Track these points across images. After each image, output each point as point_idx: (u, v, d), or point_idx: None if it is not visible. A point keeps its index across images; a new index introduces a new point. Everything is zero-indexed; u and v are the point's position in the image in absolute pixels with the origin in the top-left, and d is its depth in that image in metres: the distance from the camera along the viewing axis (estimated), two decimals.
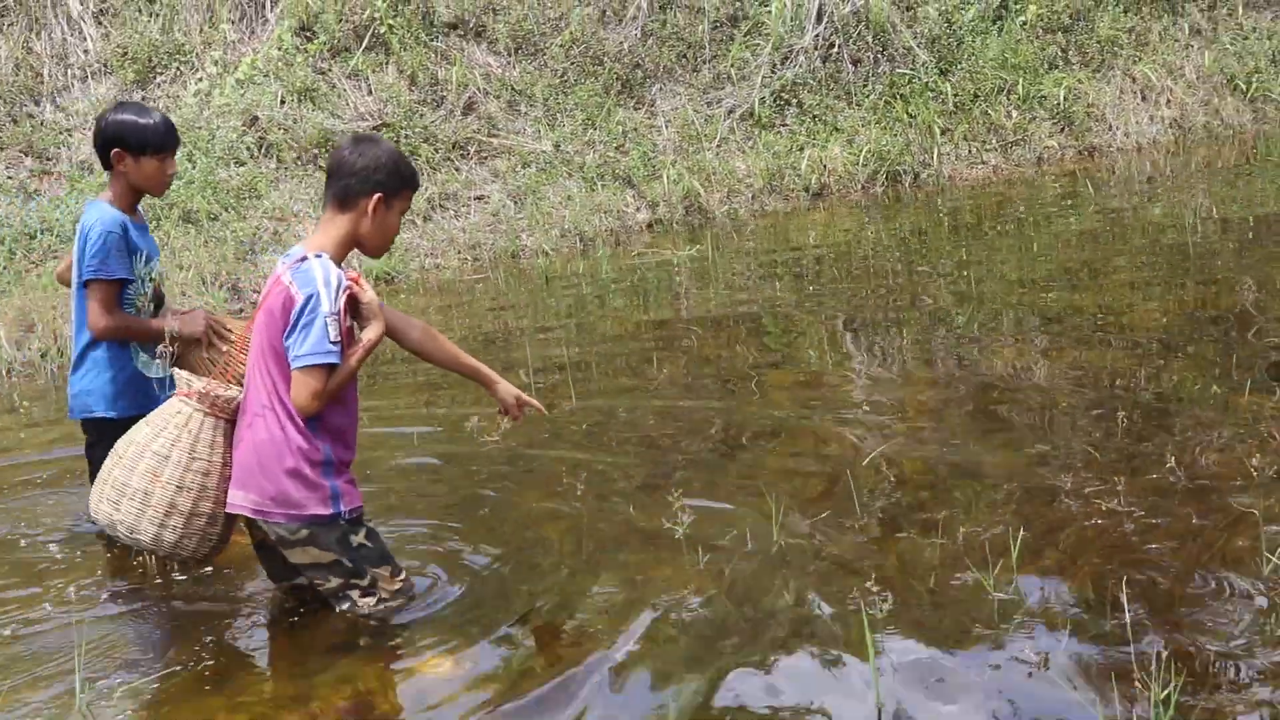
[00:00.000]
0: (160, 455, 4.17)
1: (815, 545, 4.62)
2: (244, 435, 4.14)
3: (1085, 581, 4.12)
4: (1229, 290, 7.23)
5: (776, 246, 10.80)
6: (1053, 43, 13.47)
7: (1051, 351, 6.63)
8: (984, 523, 4.63)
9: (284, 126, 11.99)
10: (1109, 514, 4.56)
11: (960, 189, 12.15)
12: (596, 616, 4.26)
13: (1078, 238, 9.55)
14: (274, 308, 4.02)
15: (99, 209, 4.85)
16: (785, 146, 12.58)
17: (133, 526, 4.18)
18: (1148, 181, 11.59)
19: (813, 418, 6.12)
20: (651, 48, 13.28)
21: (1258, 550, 4.11)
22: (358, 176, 4.04)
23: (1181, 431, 5.27)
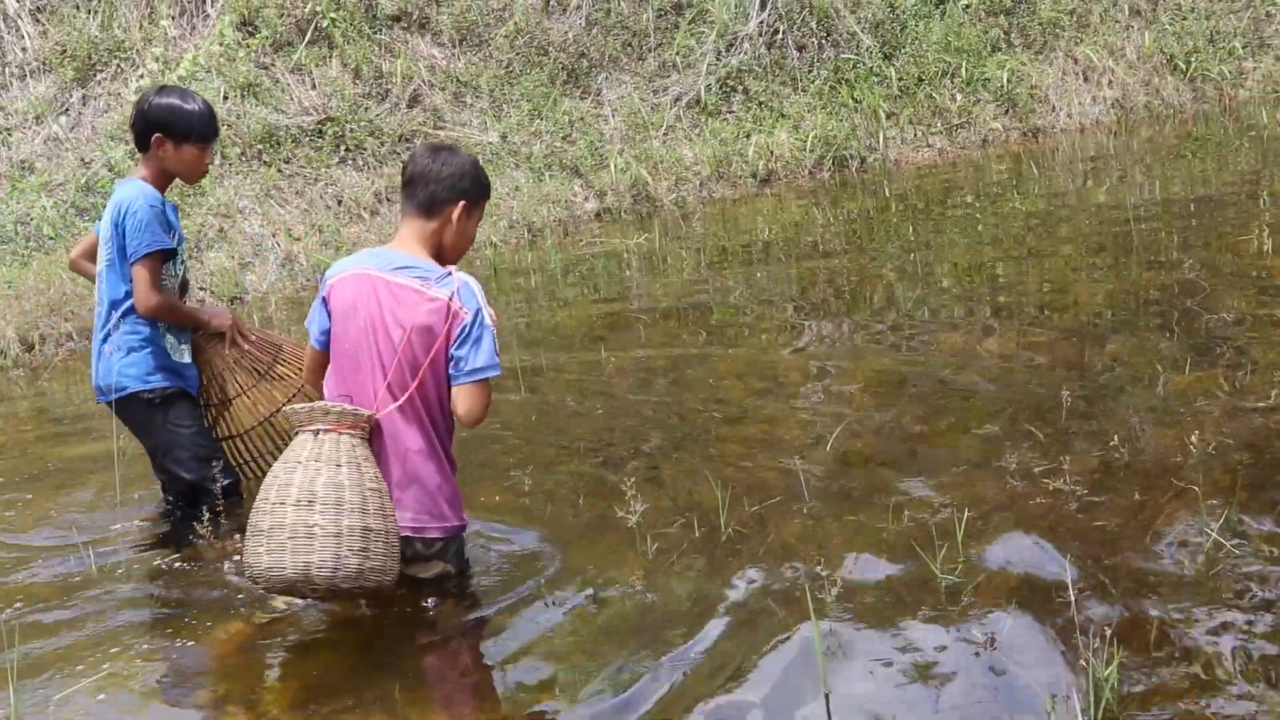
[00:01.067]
0: (376, 490, 3.96)
1: (764, 531, 4.65)
2: (395, 452, 4.08)
3: (1030, 561, 4.17)
4: (1171, 270, 7.31)
5: (725, 233, 10.82)
6: (995, 25, 13.55)
7: (997, 333, 6.68)
8: (931, 505, 4.67)
9: (227, 123, 11.89)
10: (1054, 493, 4.60)
11: (906, 172, 12.22)
12: (546, 607, 4.27)
13: (1023, 219, 9.63)
14: (429, 325, 3.98)
15: (136, 186, 4.79)
16: (732, 133, 12.60)
17: (382, 569, 3.94)
18: (1091, 162, 11.69)
19: (762, 404, 6.14)
20: (596, 37, 13.26)
21: (1198, 526, 4.17)
22: (443, 184, 4.09)
23: (1124, 410, 5.32)
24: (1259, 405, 5.12)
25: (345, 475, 3.92)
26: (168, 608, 4.59)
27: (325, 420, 3.99)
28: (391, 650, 4.08)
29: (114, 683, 4.02)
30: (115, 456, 5.88)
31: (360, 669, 3.99)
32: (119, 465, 5.79)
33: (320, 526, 3.86)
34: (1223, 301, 6.51)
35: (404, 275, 4.03)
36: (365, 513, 3.90)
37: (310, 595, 4.03)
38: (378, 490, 3.97)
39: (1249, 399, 5.21)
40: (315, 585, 3.91)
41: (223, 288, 10.40)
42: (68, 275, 9.57)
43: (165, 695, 3.98)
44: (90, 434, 6.93)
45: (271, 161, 11.74)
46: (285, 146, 11.89)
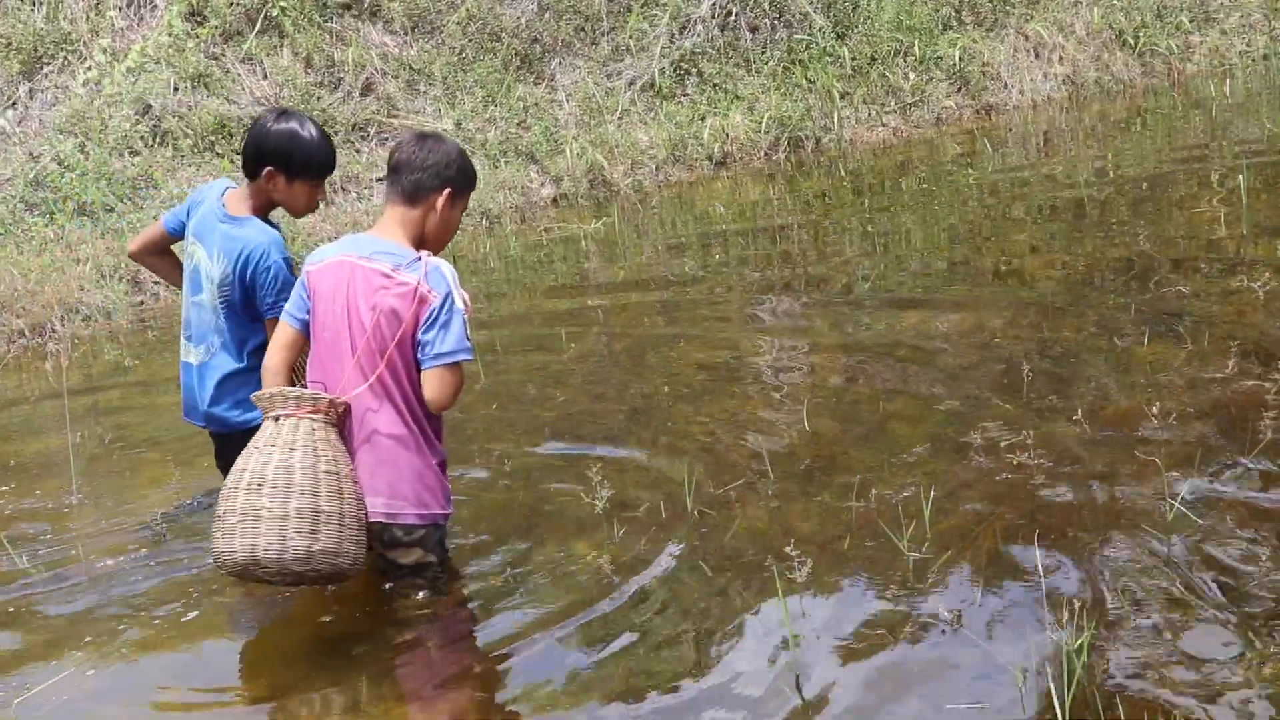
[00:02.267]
0: (333, 474, 3.92)
1: (730, 512, 4.63)
2: (366, 438, 4.04)
3: (997, 536, 4.17)
4: (1126, 243, 7.34)
5: (682, 216, 10.79)
6: (946, 3, 13.55)
7: (957, 310, 6.69)
8: (897, 483, 4.67)
9: (178, 114, 11.74)
10: (1019, 467, 4.61)
11: (861, 152, 12.22)
12: (514, 595, 4.24)
13: (979, 196, 9.64)
14: (395, 308, 3.94)
15: (261, 231, 4.40)
16: (687, 116, 12.55)
17: (336, 551, 3.90)
18: (1044, 138, 11.73)
19: (724, 386, 6.12)
20: (549, 22, 13.17)
21: (1162, 497, 4.18)
22: (428, 172, 4.04)
23: (1086, 383, 5.34)
24: (1217, 375, 5.14)
25: (298, 459, 3.89)
26: (126, 606, 4.53)
27: (285, 405, 3.97)
28: (358, 643, 4.05)
29: (75, 683, 3.97)
30: (70, 452, 5.81)
31: (326, 663, 3.96)
32: (75, 461, 5.72)
33: (267, 509, 3.85)
34: (1178, 274, 6.54)
35: (377, 260, 3.99)
36: (315, 495, 3.87)
37: (270, 580, 3.97)
38: (334, 473, 3.92)
39: (1208, 369, 5.23)
40: (266, 568, 3.87)
41: None
42: (18, 271, 9.44)
43: (122, 693, 3.93)
44: (42, 431, 6.83)
45: (224, 153, 11.60)
46: (238, 137, 11.74)
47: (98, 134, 11.37)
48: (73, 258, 9.92)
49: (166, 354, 8.57)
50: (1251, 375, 5.05)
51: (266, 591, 4.35)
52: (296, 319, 4.12)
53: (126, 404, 7.40)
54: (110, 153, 11.27)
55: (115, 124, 11.51)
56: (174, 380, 7.80)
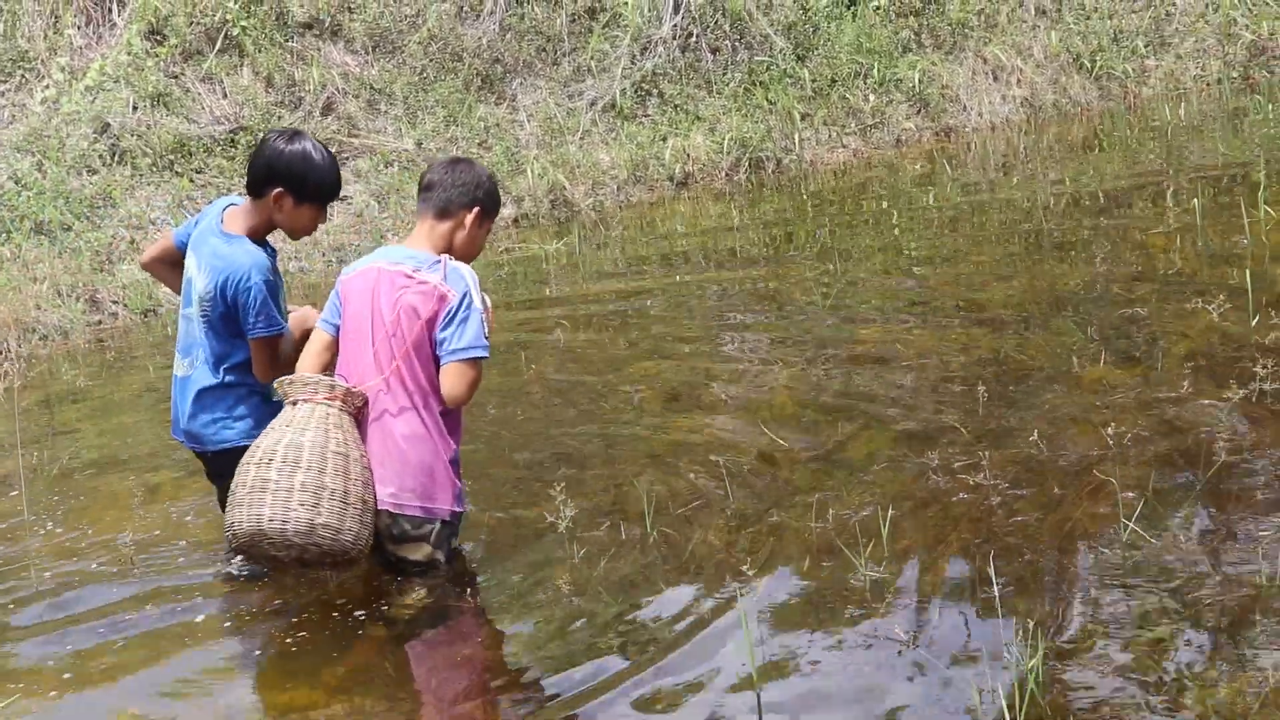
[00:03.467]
0: (341, 455, 4.10)
1: (689, 533, 4.65)
2: (381, 430, 4.21)
3: (954, 557, 4.21)
4: (1082, 265, 7.41)
5: (644, 237, 10.82)
6: (906, 26, 13.66)
7: (915, 331, 6.73)
8: (855, 504, 4.70)
9: (137, 133, 11.69)
10: (975, 488, 4.65)
11: (822, 173, 12.29)
12: (474, 615, 4.24)
13: (937, 217, 9.72)
14: (416, 305, 4.13)
15: (245, 253, 4.38)
16: (648, 137, 12.59)
17: (338, 527, 4.06)
18: (1002, 160, 11.83)
19: (684, 407, 6.15)
20: (510, 42, 13.20)
21: (1116, 518, 4.23)
22: (459, 189, 4.29)
23: (1041, 404, 5.39)
24: (1170, 396, 5.20)
25: (308, 438, 4.07)
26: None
27: (304, 390, 4.17)
28: (318, 653, 4.04)
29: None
30: (21, 474, 5.76)
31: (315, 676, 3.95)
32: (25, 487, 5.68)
33: (274, 482, 4.03)
34: (1133, 295, 6.61)
35: (401, 264, 4.20)
36: (322, 472, 4.04)
37: (276, 555, 4.12)
38: (343, 455, 4.10)
39: (1161, 390, 5.29)
40: (270, 539, 4.04)
41: (136, 301, 10.22)
42: None
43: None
44: None
45: (184, 172, 11.56)
46: (198, 156, 11.71)
47: (55, 152, 11.29)
48: (29, 276, 9.85)
49: (125, 374, 8.53)
50: (1205, 395, 5.11)
51: (244, 606, 4.34)
52: (330, 324, 4.34)
53: (84, 425, 7.35)
54: (68, 171, 11.20)
55: (73, 142, 11.45)
56: (132, 400, 7.79)
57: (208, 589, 4.73)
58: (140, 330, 9.88)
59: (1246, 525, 4.11)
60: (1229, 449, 4.65)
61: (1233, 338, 5.69)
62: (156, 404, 7.71)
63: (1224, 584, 3.79)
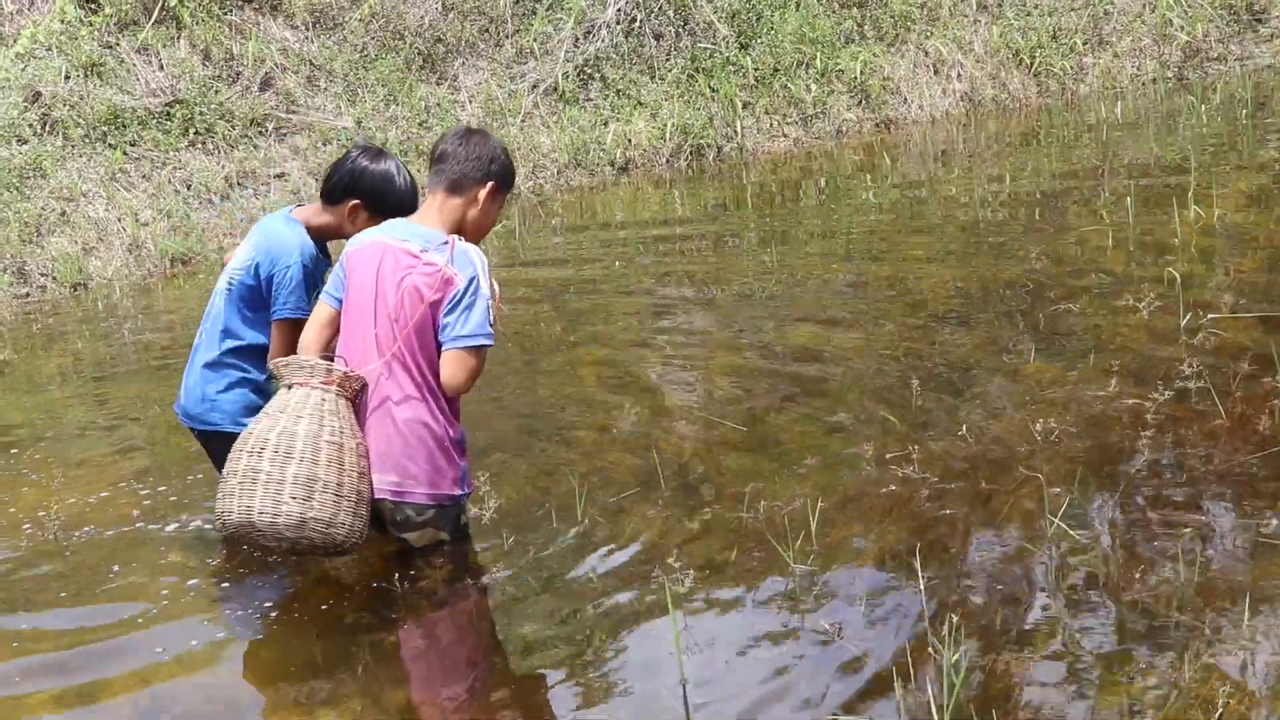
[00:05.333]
0: (335, 444, 4.03)
1: (620, 522, 4.65)
2: (382, 416, 4.13)
3: (881, 549, 4.24)
4: (1018, 260, 7.48)
5: (583, 221, 10.81)
6: (849, 17, 13.73)
7: (850, 324, 6.77)
8: (786, 495, 4.72)
9: (70, 103, 11.51)
10: (904, 481, 4.68)
11: (763, 162, 12.33)
12: (400, 599, 4.22)
13: (876, 209, 9.77)
14: (420, 287, 4.04)
15: (300, 236, 4.47)
16: (590, 121, 12.58)
17: (330, 520, 4.00)
18: (941, 153, 11.92)
19: (618, 395, 6.15)
20: (453, 22, 13.13)
21: (1041, 513, 4.27)
22: (473, 163, 4.18)
23: (973, 399, 5.44)
24: (1099, 393, 5.26)
25: (303, 426, 4.01)
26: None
27: (299, 374, 4.12)
28: (354, 636, 4.01)
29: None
30: None
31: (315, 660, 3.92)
32: None
33: (265, 472, 3.98)
34: (1066, 292, 6.68)
35: (408, 241, 4.11)
36: (315, 463, 3.98)
37: (267, 544, 4.10)
38: (337, 444, 4.02)
39: (1090, 387, 5.35)
40: (260, 530, 4.00)
41: (66, 274, 10.09)
42: None
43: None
44: None
45: (117, 144, 11.41)
46: (131, 128, 11.55)
47: None
48: None
49: (51, 349, 8.41)
50: (1132, 394, 5.17)
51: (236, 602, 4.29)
52: (334, 298, 4.25)
53: (5, 399, 7.24)
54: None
55: (3, 111, 11.26)
56: (59, 376, 7.69)
57: (143, 570, 4.67)
58: (70, 304, 9.76)
59: (1166, 524, 4.17)
60: (1152, 447, 4.71)
61: (1161, 337, 5.76)
62: (85, 380, 7.62)
63: (1143, 581, 3.84)
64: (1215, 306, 5.99)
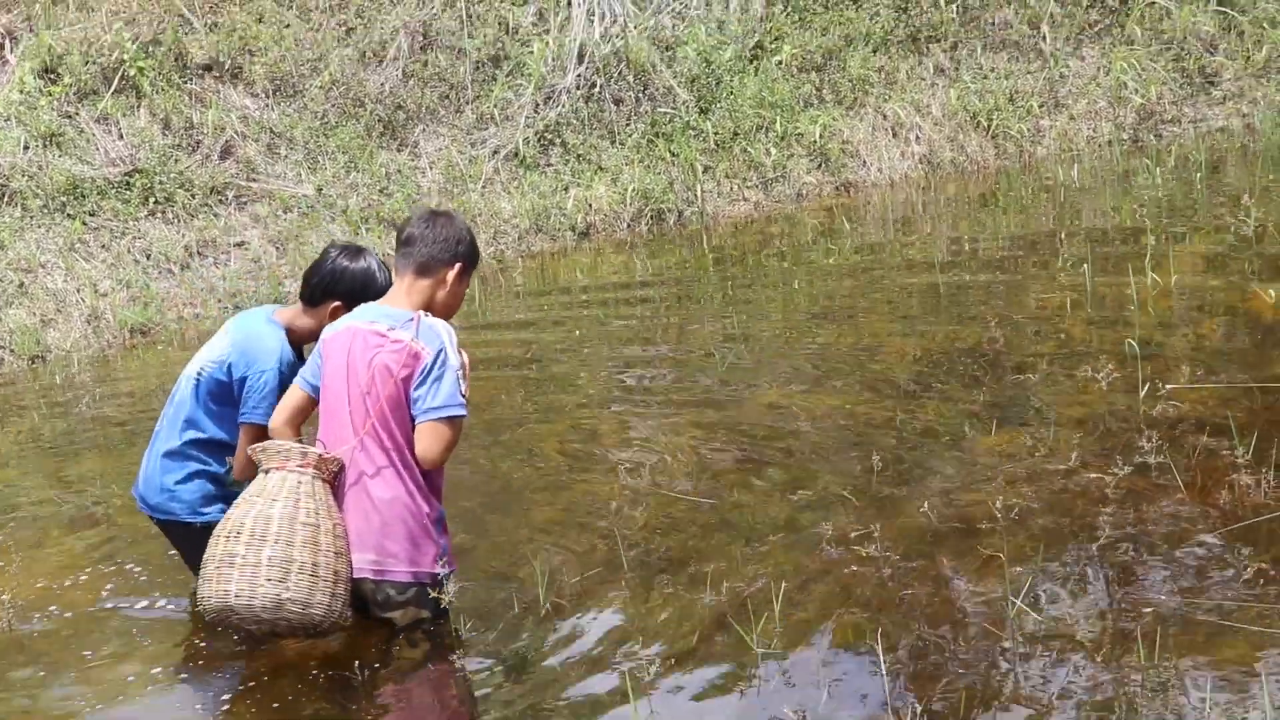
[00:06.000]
0: (310, 525, 4.07)
1: (583, 605, 4.62)
2: (358, 495, 4.17)
3: (844, 633, 4.23)
4: (977, 327, 7.51)
5: (544, 287, 10.82)
6: (808, 81, 13.82)
7: (812, 394, 6.78)
8: (748, 575, 4.71)
9: (28, 173, 11.46)
10: (867, 560, 4.67)
11: (723, 226, 12.38)
12: (359, 689, 4.17)
13: (836, 274, 9.82)
14: (389, 364, 4.11)
15: (280, 341, 4.57)
16: (550, 186, 12.61)
17: (306, 601, 4.04)
18: (901, 216, 12.00)
19: (581, 468, 6.14)
20: (413, 89, 13.16)
21: (1004, 595, 4.27)
22: (440, 245, 4.30)
23: (934, 473, 5.45)
24: (1060, 467, 5.28)
25: (278, 509, 4.05)
26: None
27: (275, 459, 4.16)
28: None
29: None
30: None
31: None
32: None
33: (241, 556, 4.01)
34: (1026, 360, 6.72)
35: (376, 323, 4.20)
36: (290, 545, 4.01)
37: (248, 627, 4.14)
38: (312, 525, 4.06)
39: (1051, 460, 5.37)
40: (238, 613, 4.04)
41: (24, 346, 10.01)
42: None
43: None
44: None
45: (76, 214, 11.35)
46: (91, 198, 11.50)
47: None
48: None
49: (7, 423, 8.32)
50: (1092, 468, 5.19)
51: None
52: (309, 384, 4.32)
53: None
54: None
55: None
56: (15, 451, 7.60)
57: (100, 658, 4.61)
58: (27, 377, 9.68)
59: (1127, 605, 4.18)
60: (1113, 524, 4.72)
61: (1120, 410, 5.80)
62: (42, 455, 7.54)
63: (1105, 664, 3.84)
64: (1174, 376, 6.03)
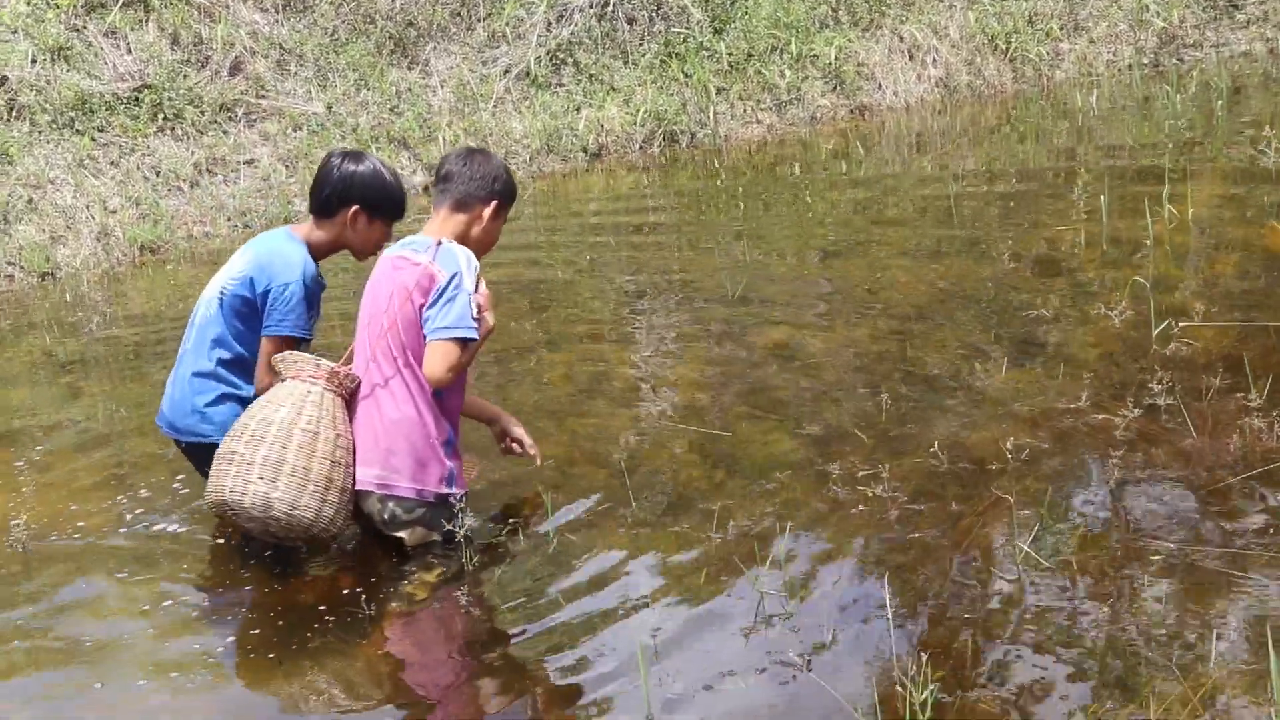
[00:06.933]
0: (309, 432, 4.19)
1: (589, 542, 4.63)
2: (368, 411, 4.31)
3: (850, 575, 4.23)
4: (990, 260, 7.46)
5: (555, 210, 10.75)
6: (823, 2, 13.62)
7: (823, 327, 6.75)
8: (755, 513, 4.70)
9: (36, 87, 11.37)
10: (874, 500, 4.67)
11: (737, 149, 12.27)
12: (368, 622, 4.19)
13: (849, 202, 9.73)
14: (406, 284, 4.25)
15: (301, 256, 4.55)
16: (562, 106, 12.48)
17: (293, 503, 4.16)
18: (916, 141, 11.88)
19: (590, 402, 6.12)
20: (425, 6, 12.99)
21: (1011, 537, 4.26)
22: (477, 182, 4.45)
23: (943, 412, 5.42)
24: (1070, 406, 5.26)
25: (281, 414, 4.20)
26: None
27: (293, 369, 4.32)
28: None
29: None
30: None
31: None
32: None
33: (240, 454, 4.18)
34: (1038, 296, 6.67)
35: (404, 250, 4.37)
36: (284, 447, 4.15)
37: (244, 526, 4.30)
38: (311, 432, 4.18)
39: (1061, 400, 5.34)
40: (233, 509, 4.20)
41: (33, 263, 9.98)
42: None
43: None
44: None
45: (85, 130, 11.27)
46: (99, 114, 11.42)
47: None
48: None
49: (19, 342, 8.32)
50: (1103, 409, 5.17)
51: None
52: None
53: None
54: None
55: None
56: (27, 371, 7.60)
57: (106, 582, 4.64)
58: (38, 295, 9.66)
59: (1134, 552, 4.16)
60: (1122, 465, 4.70)
61: (1133, 347, 5.75)
62: (54, 375, 7.55)
63: (1113, 613, 3.84)
64: (1188, 313, 5.98)
